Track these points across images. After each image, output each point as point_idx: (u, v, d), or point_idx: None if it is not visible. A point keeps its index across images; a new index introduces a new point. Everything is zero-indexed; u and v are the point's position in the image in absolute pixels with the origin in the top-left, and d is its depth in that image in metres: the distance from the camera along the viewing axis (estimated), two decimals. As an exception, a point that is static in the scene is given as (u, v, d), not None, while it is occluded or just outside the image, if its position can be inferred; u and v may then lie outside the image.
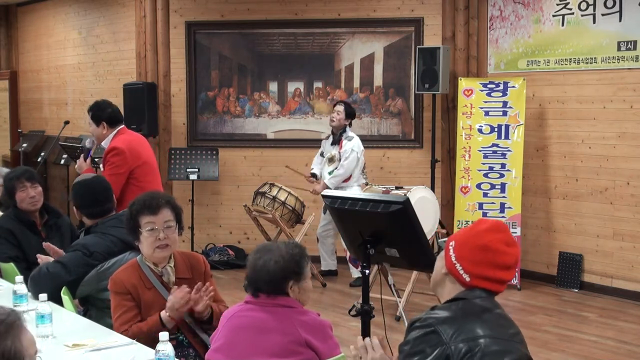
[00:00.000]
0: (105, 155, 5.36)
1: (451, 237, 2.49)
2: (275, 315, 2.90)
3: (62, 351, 3.08)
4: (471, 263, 2.38)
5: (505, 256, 2.39)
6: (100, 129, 5.44)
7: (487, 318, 2.32)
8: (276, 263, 2.92)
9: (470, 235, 2.43)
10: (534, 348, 5.55)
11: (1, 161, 11.54)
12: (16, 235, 4.44)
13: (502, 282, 2.41)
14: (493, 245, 2.38)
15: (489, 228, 2.43)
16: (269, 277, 2.92)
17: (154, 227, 3.40)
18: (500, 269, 2.38)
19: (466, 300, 2.36)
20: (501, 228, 2.44)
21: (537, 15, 7.41)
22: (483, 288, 2.38)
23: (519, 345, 2.34)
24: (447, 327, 2.26)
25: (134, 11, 8.97)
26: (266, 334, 2.86)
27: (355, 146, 7.30)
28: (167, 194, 3.67)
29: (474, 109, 7.49)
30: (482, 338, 2.25)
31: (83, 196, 4.03)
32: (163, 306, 3.39)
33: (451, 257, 2.42)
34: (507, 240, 2.41)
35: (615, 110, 6.91)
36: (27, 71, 11.61)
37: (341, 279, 7.67)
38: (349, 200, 3.40)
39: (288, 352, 2.84)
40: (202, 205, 8.59)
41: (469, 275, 2.38)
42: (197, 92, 8.66)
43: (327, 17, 8.35)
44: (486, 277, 2.37)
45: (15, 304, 3.54)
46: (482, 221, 2.50)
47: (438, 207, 7.02)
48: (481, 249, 2.38)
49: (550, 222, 7.47)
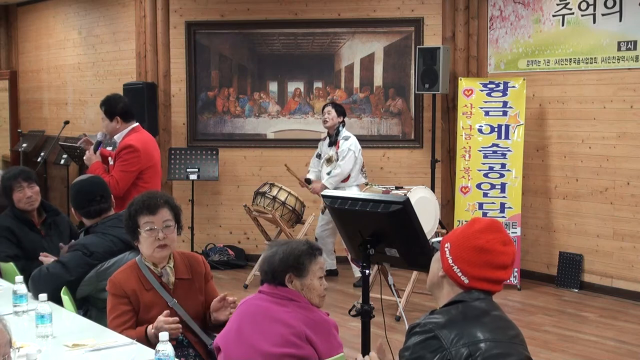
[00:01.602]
0: (118, 151, 5.32)
1: (446, 238, 2.47)
2: (283, 307, 2.99)
3: (62, 351, 3.08)
4: (469, 265, 2.37)
5: (503, 256, 2.38)
6: (114, 123, 5.40)
7: (486, 321, 2.31)
8: (279, 255, 3.09)
9: (466, 237, 2.41)
10: (534, 348, 5.55)
11: (1, 161, 11.54)
12: (16, 233, 4.44)
13: (500, 282, 2.40)
14: (490, 246, 2.37)
15: (484, 228, 2.41)
16: (268, 267, 3.10)
17: (152, 227, 3.39)
18: (498, 269, 2.37)
19: (465, 303, 2.35)
20: (496, 227, 2.43)
21: (537, 15, 7.41)
22: (481, 289, 2.37)
23: (519, 347, 2.34)
24: (447, 331, 2.25)
25: (134, 11, 8.97)
26: (270, 323, 2.95)
27: (352, 145, 7.32)
28: (166, 194, 3.66)
29: (474, 109, 7.49)
30: (482, 342, 2.24)
31: (79, 196, 4.03)
32: (162, 307, 3.39)
33: (448, 260, 2.40)
34: (503, 239, 2.41)
35: (615, 110, 6.90)
36: (27, 71, 11.61)
37: (341, 279, 7.67)
38: (349, 200, 3.40)
39: (288, 344, 2.89)
40: (202, 205, 8.59)
41: (468, 277, 2.37)
42: (197, 92, 8.66)
43: (327, 17, 8.36)
44: (485, 278, 2.37)
45: (15, 304, 3.55)
46: (476, 221, 2.48)
47: (438, 207, 7.02)
48: (479, 251, 2.37)
49: (550, 222, 7.47)
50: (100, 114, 5.55)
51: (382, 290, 4.07)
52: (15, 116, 11.69)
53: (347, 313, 3.51)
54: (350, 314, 3.37)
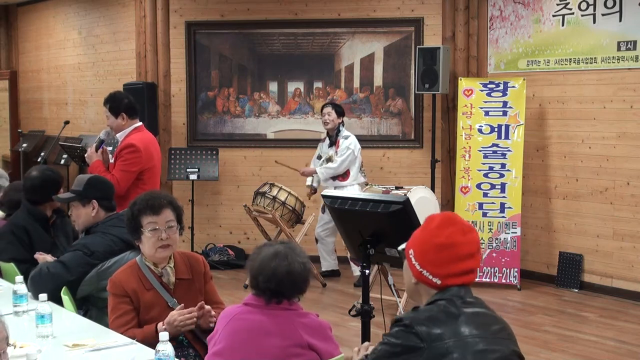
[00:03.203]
0: (120, 150, 5.30)
1: (409, 244, 2.46)
2: (275, 318, 2.86)
3: (62, 351, 3.08)
4: (436, 266, 2.36)
5: (466, 246, 2.37)
6: (120, 120, 5.35)
7: (469, 316, 2.31)
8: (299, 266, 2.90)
9: (425, 238, 2.40)
10: (534, 348, 5.55)
11: (1, 161, 11.54)
12: (30, 234, 4.41)
13: (472, 271, 2.40)
14: (450, 240, 2.36)
15: (440, 224, 2.40)
16: (291, 281, 2.87)
17: (156, 227, 3.39)
18: (465, 259, 2.37)
19: (445, 301, 2.34)
20: (452, 220, 2.42)
21: (537, 15, 7.41)
22: (456, 284, 2.37)
23: (506, 341, 2.33)
24: (427, 328, 2.26)
25: (134, 11, 8.97)
26: (266, 337, 2.83)
27: (352, 144, 7.35)
28: (169, 194, 3.67)
29: (474, 109, 7.49)
30: (466, 338, 2.25)
31: None
32: (163, 307, 3.39)
33: (416, 266, 2.40)
34: (461, 229, 2.40)
35: (615, 110, 6.90)
36: (27, 71, 11.61)
37: (342, 279, 7.67)
38: (349, 200, 3.41)
39: (289, 355, 2.81)
40: (202, 205, 8.59)
41: (439, 277, 2.36)
42: (197, 92, 8.66)
43: (327, 17, 8.36)
44: (455, 273, 2.36)
45: (15, 304, 3.54)
46: (431, 219, 2.46)
47: (438, 207, 7.04)
48: (441, 248, 2.36)
49: (550, 222, 7.47)
50: (101, 112, 5.52)
51: (382, 290, 4.08)
52: (15, 116, 11.69)
53: (347, 313, 3.52)
54: (350, 314, 3.38)
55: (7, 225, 4.49)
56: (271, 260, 2.87)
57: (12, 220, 4.54)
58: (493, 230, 7.31)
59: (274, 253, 2.89)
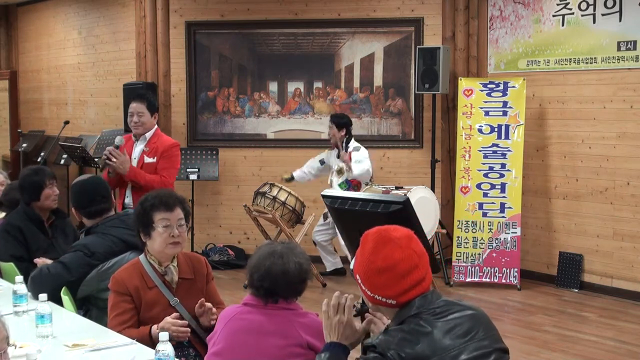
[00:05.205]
0: (165, 150, 5.42)
1: (355, 269, 2.39)
2: (275, 318, 2.86)
3: (62, 351, 3.08)
4: (385, 288, 2.30)
5: (404, 262, 2.29)
6: (153, 119, 5.49)
7: (442, 329, 2.24)
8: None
9: (365, 265, 2.33)
10: (534, 348, 5.56)
11: (1, 161, 11.54)
12: (24, 234, 4.43)
13: (422, 281, 2.31)
14: (387, 262, 2.29)
15: (374, 249, 2.32)
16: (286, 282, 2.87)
17: (168, 223, 3.41)
18: (409, 274, 2.29)
19: (414, 317, 2.27)
20: (384, 239, 2.33)
21: (537, 15, 7.41)
22: (413, 298, 2.30)
23: (485, 341, 2.28)
24: (402, 352, 2.19)
25: (134, 11, 8.97)
26: (266, 338, 2.82)
27: (365, 153, 7.25)
28: (178, 194, 3.68)
29: (474, 109, 7.49)
30: (445, 351, 2.19)
31: (80, 196, 4.03)
32: (164, 306, 3.40)
33: (367, 292, 2.34)
34: (397, 245, 2.31)
35: (615, 110, 6.90)
36: (27, 71, 11.61)
37: (342, 279, 7.67)
38: (349, 200, 3.40)
39: (288, 355, 2.81)
40: (202, 205, 8.59)
41: (392, 298, 2.30)
42: (197, 92, 8.66)
43: (327, 17, 8.36)
44: (405, 290, 2.29)
45: (15, 304, 3.54)
46: (365, 241, 2.37)
47: (438, 207, 7.04)
48: (381, 272, 2.29)
49: (550, 222, 7.47)
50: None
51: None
52: (15, 116, 11.69)
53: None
54: (350, 313, 3.37)
55: (3, 225, 4.52)
56: (267, 259, 2.88)
57: (8, 219, 4.60)
58: (493, 230, 7.31)
59: (270, 252, 2.90)
